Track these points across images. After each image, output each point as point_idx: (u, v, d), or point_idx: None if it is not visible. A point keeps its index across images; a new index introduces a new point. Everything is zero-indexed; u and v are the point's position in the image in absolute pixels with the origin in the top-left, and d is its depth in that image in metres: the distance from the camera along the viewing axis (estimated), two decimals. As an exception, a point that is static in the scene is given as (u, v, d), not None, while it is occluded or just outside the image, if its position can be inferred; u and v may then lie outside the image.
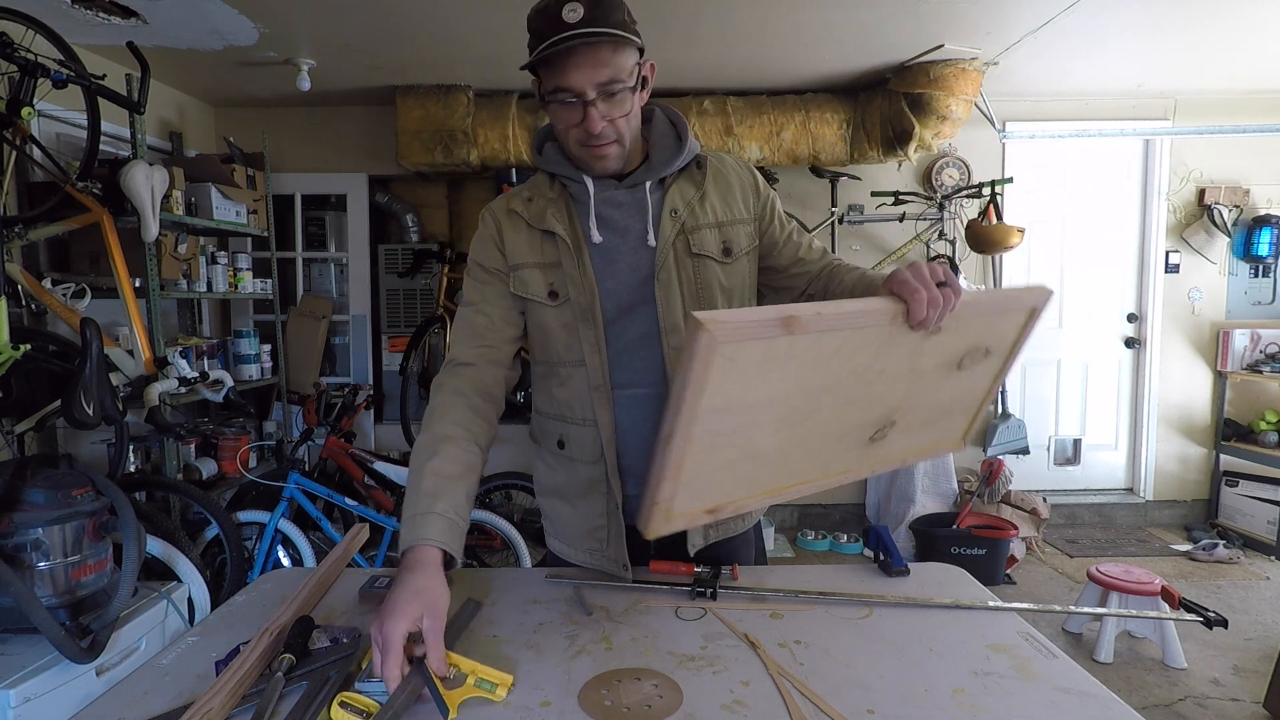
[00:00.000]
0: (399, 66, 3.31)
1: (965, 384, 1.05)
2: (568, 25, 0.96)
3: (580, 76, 0.99)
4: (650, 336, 1.11)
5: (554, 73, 1.01)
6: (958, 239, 3.85)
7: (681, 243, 1.11)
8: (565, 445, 1.17)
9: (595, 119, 1.01)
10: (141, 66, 2.27)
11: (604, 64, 0.99)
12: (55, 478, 1.64)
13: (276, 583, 1.19)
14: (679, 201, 1.12)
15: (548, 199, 1.13)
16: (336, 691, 0.80)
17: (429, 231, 4.13)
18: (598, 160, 1.07)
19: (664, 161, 1.12)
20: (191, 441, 3.07)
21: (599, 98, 1.01)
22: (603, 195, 1.11)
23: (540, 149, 1.17)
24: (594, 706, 0.80)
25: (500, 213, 1.16)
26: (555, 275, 1.11)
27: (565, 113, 1.04)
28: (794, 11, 2.72)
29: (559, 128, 1.08)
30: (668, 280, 1.10)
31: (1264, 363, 3.93)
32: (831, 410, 0.93)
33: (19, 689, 1.47)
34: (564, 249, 1.10)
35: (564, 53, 0.98)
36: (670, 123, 1.16)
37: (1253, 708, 2.32)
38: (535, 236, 1.13)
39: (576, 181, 1.12)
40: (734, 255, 1.14)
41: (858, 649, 0.93)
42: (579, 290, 1.10)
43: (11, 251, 2.34)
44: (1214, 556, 3.59)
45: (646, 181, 1.11)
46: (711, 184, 1.15)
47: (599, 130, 1.02)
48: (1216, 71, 3.53)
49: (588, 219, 1.11)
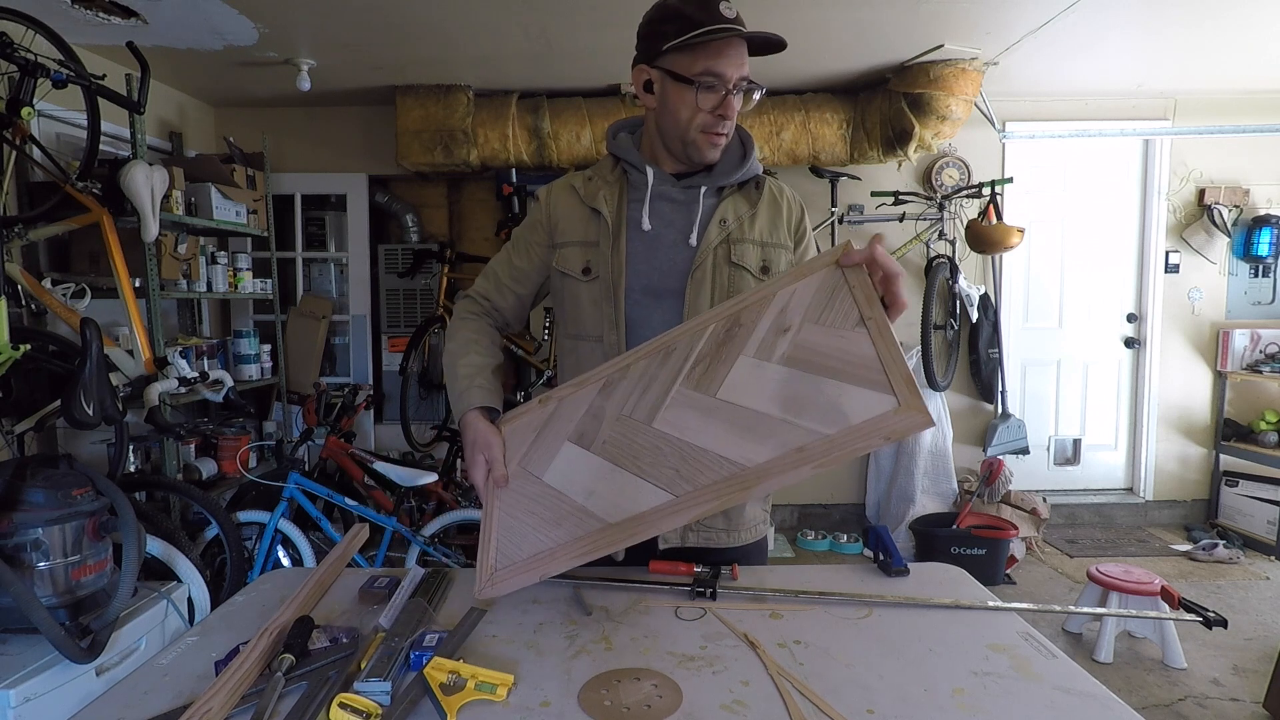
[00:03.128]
0: (399, 66, 3.31)
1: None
2: (725, 19, 1.08)
3: (731, 66, 1.11)
4: (671, 326, 1.15)
5: (707, 57, 1.10)
6: (958, 239, 3.85)
7: (723, 250, 1.18)
8: None
9: (733, 107, 1.13)
10: (141, 66, 2.27)
11: (745, 62, 1.13)
12: (55, 478, 1.64)
13: (276, 583, 1.19)
14: (730, 213, 1.20)
15: (605, 181, 1.23)
16: (336, 692, 0.80)
17: (429, 231, 4.14)
18: (712, 147, 1.17)
19: (725, 172, 1.21)
20: (191, 441, 3.08)
21: (736, 89, 1.12)
22: (659, 189, 1.20)
23: (616, 135, 1.26)
24: (594, 706, 0.80)
25: (560, 189, 1.27)
26: (593, 253, 1.20)
27: (704, 97, 1.13)
28: (794, 11, 2.72)
29: (684, 114, 1.15)
30: (701, 280, 1.17)
31: (1264, 363, 3.93)
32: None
33: (19, 689, 1.47)
34: (602, 227, 1.19)
35: (723, 42, 1.10)
36: (740, 140, 1.25)
37: (1253, 708, 2.32)
38: (584, 213, 1.22)
39: (638, 170, 1.21)
40: (771, 275, 1.21)
41: (858, 649, 0.93)
42: (608, 268, 1.18)
43: (11, 251, 2.34)
44: (1214, 556, 3.59)
45: (703, 186, 1.19)
46: (765, 205, 1.23)
47: (733, 115, 1.14)
48: (1216, 71, 3.53)
49: (640, 206, 1.19)
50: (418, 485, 2.84)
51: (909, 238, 3.84)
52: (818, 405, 0.90)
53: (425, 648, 0.87)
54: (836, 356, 0.92)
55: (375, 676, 0.82)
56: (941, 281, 3.74)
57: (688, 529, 1.22)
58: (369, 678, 0.82)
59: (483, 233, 4.16)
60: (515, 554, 1.02)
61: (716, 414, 0.97)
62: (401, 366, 3.68)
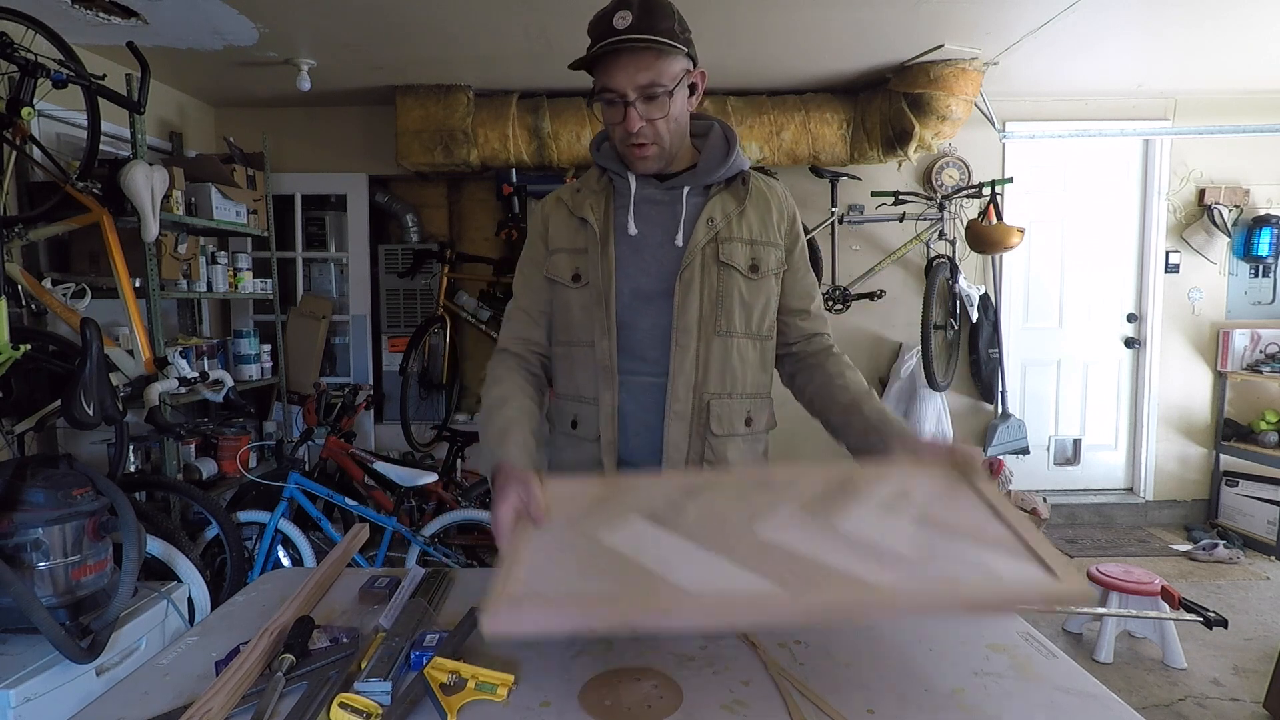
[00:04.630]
0: (399, 66, 3.31)
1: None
2: (616, 31, 1.07)
3: (623, 78, 1.09)
4: (661, 329, 1.17)
5: (602, 73, 1.11)
6: (958, 239, 3.85)
7: (711, 250, 1.17)
8: (578, 425, 1.23)
9: (634, 118, 1.11)
10: (141, 66, 2.27)
11: (646, 68, 1.09)
12: (55, 478, 1.64)
13: (276, 583, 1.19)
14: (718, 211, 1.18)
15: (592, 190, 1.23)
16: (336, 692, 0.80)
17: (429, 231, 4.13)
18: (638, 159, 1.16)
19: (708, 170, 1.20)
20: (191, 441, 3.07)
21: (639, 99, 1.10)
22: (643, 193, 1.20)
23: (599, 146, 1.26)
24: (594, 706, 0.80)
25: (551, 202, 1.28)
26: (581, 260, 1.20)
27: (609, 112, 1.14)
28: (794, 11, 2.72)
29: (606, 126, 1.17)
30: (690, 280, 1.16)
31: (1264, 363, 3.93)
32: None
33: (19, 689, 1.47)
34: (590, 235, 1.19)
35: (610, 55, 1.09)
36: (724, 138, 1.23)
37: (1253, 708, 2.32)
38: (573, 223, 1.23)
39: (621, 177, 1.21)
40: (760, 273, 1.20)
41: (858, 649, 0.93)
42: (598, 274, 1.18)
43: (11, 251, 2.34)
44: (1214, 556, 3.59)
45: (686, 186, 1.19)
46: (753, 203, 1.22)
47: (636, 129, 1.11)
48: (1216, 71, 3.53)
49: (625, 212, 1.19)
50: (418, 485, 2.84)
51: (909, 238, 3.84)
52: (963, 561, 0.79)
53: (425, 648, 0.87)
54: (971, 531, 0.83)
55: (376, 676, 0.82)
56: (941, 281, 3.74)
57: None
58: (369, 678, 0.82)
59: (483, 233, 4.16)
60: (548, 590, 0.79)
61: (837, 540, 0.83)
62: (401, 366, 3.68)
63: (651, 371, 1.17)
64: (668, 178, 1.21)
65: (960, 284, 3.79)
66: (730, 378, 1.19)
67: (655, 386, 1.17)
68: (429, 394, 3.96)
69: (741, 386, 1.21)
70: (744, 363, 1.20)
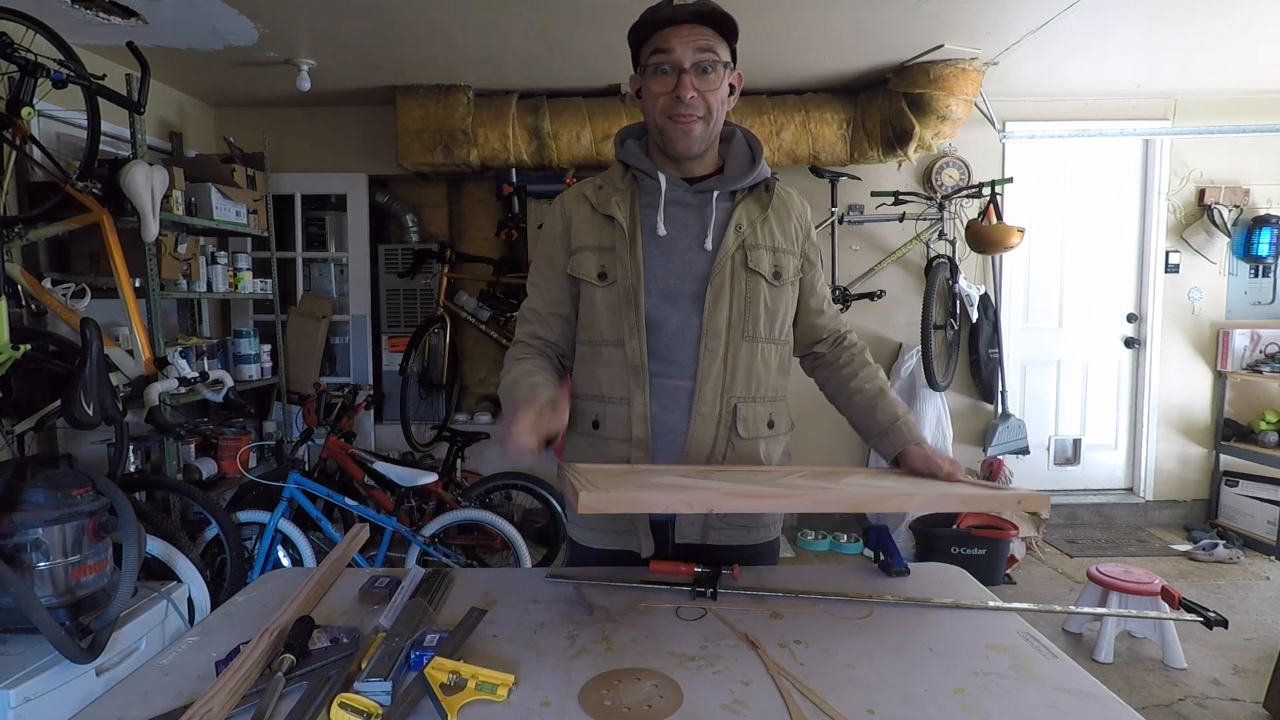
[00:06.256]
0: (399, 66, 3.31)
1: None
2: (679, 5, 1.09)
3: (680, 44, 1.10)
4: (689, 332, 1.17)
5: (656, 40, 1.11)
6: (958, 239, 3.85)
7: (740, 256, 1.18)
8: (600, 425, 1.22)
9: (687, 84, 1.10)
10: (141, 66, 2.27)
11: (702, 38, 1.10)
12: (55, 478, 1.64)
13: (276, 583, 1.19)
14: (744, 218, 1.19)
15: (616, 188, 1.22)
16: (336, 692, 0.80)
17: (429, 231, 4.13)
18: (682, 133, 1.14)
19: (736, 176, 1.21)
20: (191, 441, 3.07)
21: (693, 69, 1.10)
22: (673, 194, 1.19)
23: (623, 142, 1.26)
24: (594, 706, 0.80)
25: (572, 198, 1.26)
26: (608, 258, 1.19)
27: (659, 80, 1.12)
28: (793, 11, 2.72)
29: (649, 102, 1.15)
30: (720, 286, 1.16)
31: (1264, 363, 3.93)
32: None
33: (19, 689, 1.47)
34: (619, 234, 1.18)
35: (667, 21, 1.10)
36: (748, 145, 1.25)
37: (1253, 708, 2.32)
38: (598, 220, 1.21)
39: (650, 177, 1.20)
40: (782, 280, 1.22)
41: (858, 649, 0.93)
42: (626, 273, 1.17)
43: (11, 251, 2.34)
44: (1214, 556, 3.59)
45: (715, 191, 1.18)
46: (775, 210, 1.23)
47: (688, 97, 1.10)
48: (1216, 71, 3.53)
49: (654, 212, 1.19)
50: (418, 485, 2.84)
51: (909, 238, 3.84)
52: (954, 490, 1.13)
53: (426, 648, 0.87)
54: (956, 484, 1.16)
55: (376, 676, 0.82)
56: (941, 281, 3.74)
57: (709, 526, 1.22)
58: (369, 678, 0.82)
59: (483, 233, 4.16)
60: (609, 486, 0.98)
61: (843, 484, 1.12)
62: (401, 366, 3.68)
63: (677, 375, 1.17)
64: (695, 180, 1.21)
65: (960, 284, 3.79)
66: (755, 381, 1.21)
67: (679, 389, 1.17)
68: (429, 394, 3.96)
69: (765, 390, 1.23)
70: (767, 367, 1.22)
